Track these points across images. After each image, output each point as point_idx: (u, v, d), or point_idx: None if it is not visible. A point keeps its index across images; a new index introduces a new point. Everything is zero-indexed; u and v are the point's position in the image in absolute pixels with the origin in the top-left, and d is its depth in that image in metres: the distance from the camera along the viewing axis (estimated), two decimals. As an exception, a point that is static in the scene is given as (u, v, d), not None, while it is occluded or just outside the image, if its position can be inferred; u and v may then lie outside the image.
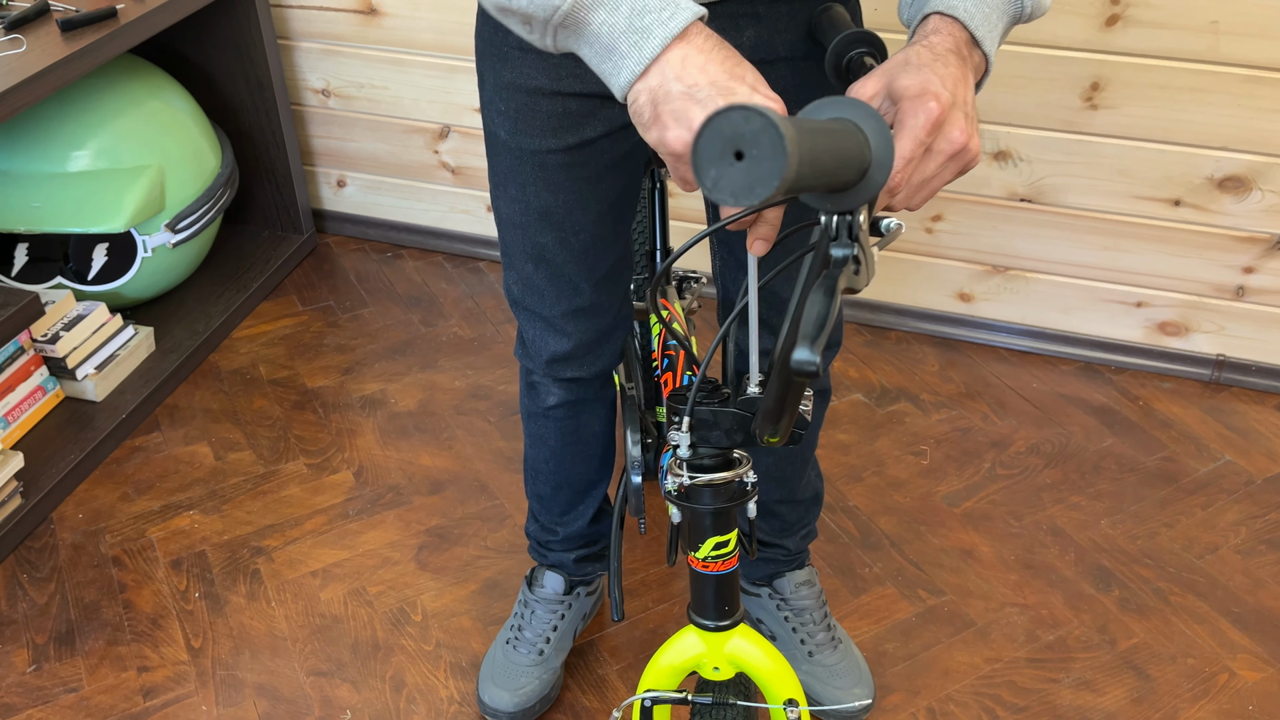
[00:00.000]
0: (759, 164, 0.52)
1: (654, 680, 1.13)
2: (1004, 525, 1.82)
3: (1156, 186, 1.96)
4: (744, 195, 0.52)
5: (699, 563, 1.07)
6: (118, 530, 1.81)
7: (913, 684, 1.56)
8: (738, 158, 0.53)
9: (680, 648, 1.12)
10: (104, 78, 2.03)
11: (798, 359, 0.57)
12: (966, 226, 2.11)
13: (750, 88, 0.73)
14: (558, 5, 0.76)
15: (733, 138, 0.52)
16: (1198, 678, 1.57)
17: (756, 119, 0.51)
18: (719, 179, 0.53)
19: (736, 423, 0.97)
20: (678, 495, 1.04)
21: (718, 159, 0.53)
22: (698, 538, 1.06)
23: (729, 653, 1.11)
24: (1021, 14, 0.90)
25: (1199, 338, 2.10)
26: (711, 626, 1.10)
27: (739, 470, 1.02)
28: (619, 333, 1.31)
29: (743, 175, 0.52)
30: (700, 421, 0.97)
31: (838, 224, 0.62)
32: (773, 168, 0.51)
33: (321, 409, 2.06)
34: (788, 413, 0.87)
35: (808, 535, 1.58)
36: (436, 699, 1.54)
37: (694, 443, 0.99)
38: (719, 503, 1.03)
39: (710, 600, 1.09)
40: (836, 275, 0.60)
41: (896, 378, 2.14)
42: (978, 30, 0.86)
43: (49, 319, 1.94)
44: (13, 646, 1.61)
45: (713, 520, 1.04)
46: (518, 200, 1.18)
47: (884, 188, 0.72)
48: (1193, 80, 1.83)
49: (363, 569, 1.73)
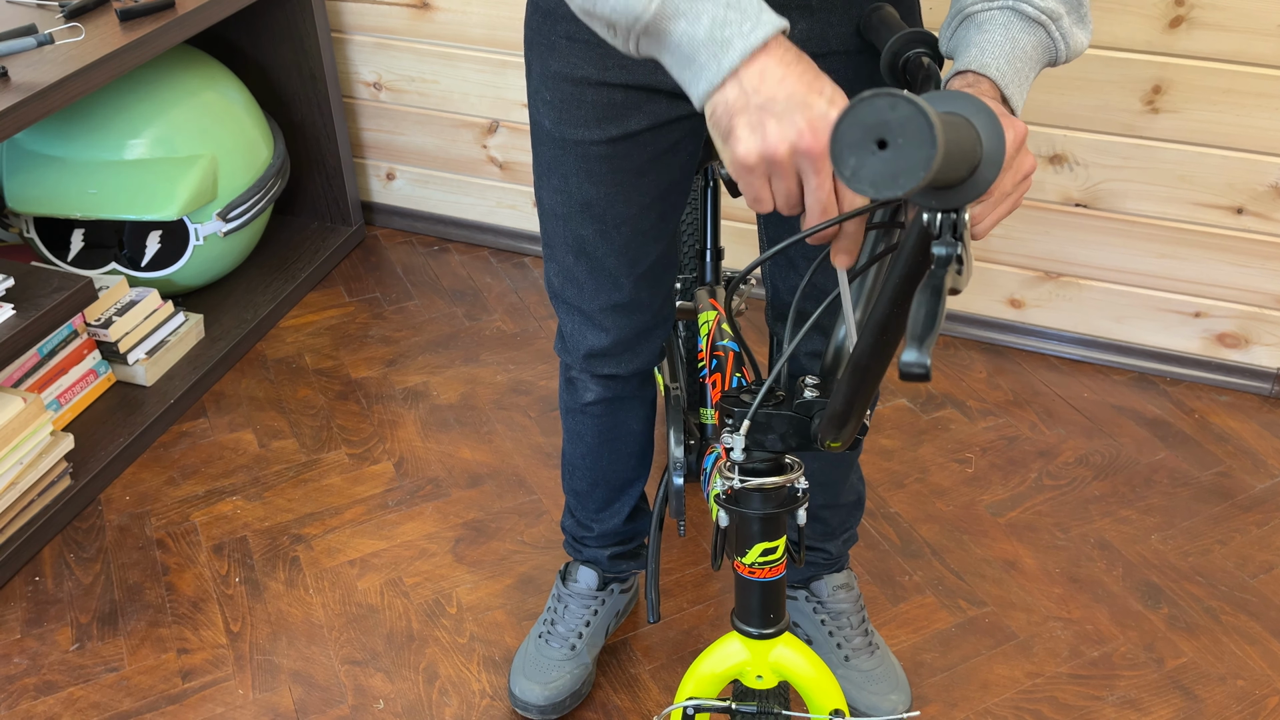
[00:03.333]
0: (905, 153, 0.50)
1: (695, 687, 1.11)
2: (1049, 537, 1.78)
3: (1218, 194, 1.91)
4: (886, 186, 0.51)
5: (745, 569, 1.05)
6: (163, 514, 1.83)
7: (950, 695, 1.53)
8: (880, 146, 0.51)
9: (723, 654, 1.10)
10: (161, 68, 2.06)
11: (906, 360, 0.55)
12: (1019, 231, 2.07)
13: (828, 101, 0.72)
14: (639, 14, 0.76)
15: (877, 125, 0.51)
16: (1247, 700, 1.53)
17: (904, 105, 0.49)
18: (859, 168, 0.51)
19: (792, 426, 0.96)
20: (726, 499, 1.02)
21: (859, 147, 0.51)
22: (745, 543, 1.04)
23: (773, 661, 1.09)
24: (1056, 61, 0.90)
25: (1259, 350, 2.04)
26: (756, 634, 1.08)
27: (791, 475, 1.01)
28: (659, 331, 1.30)
29: (886, 164, 0.51)
30: (755, 424, 0.96)
31: (942, 222, 0.60)
32: (920, 157, 0.50)
33: (364, 400, 2.08)
34: (854, 417, 0.85)
35: (849, 540, 1.56)
36: (469, 692, 1.54)
37: (748, 446, 0.97)
38: (769, 508, 1.01)
39: (755, 607, 1.07)
40: (942, 275, 0.58)
41: (943, 383, 2.11)
42: (1008, 89, 0.86)
43: (102, 304, 1.97)
44: (57, 625, 1.64)
45: (761, 526, 1.02)
46: (560, 191, 1.18)
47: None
48: (1258, 85, 1.78)
49: (400, 560, 1.74)
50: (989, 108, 0.62)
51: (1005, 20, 0.87)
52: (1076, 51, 0.90)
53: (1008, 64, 0.85)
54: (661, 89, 1.10)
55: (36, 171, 1.99)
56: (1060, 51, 0.89)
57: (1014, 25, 0.86)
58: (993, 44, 0.86)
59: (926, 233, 0.63)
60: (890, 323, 0.73)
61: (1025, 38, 0.86)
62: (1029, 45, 0.87)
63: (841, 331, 0.95)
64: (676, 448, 1.22)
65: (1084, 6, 0.89)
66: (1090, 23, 0.91)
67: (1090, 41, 0.91)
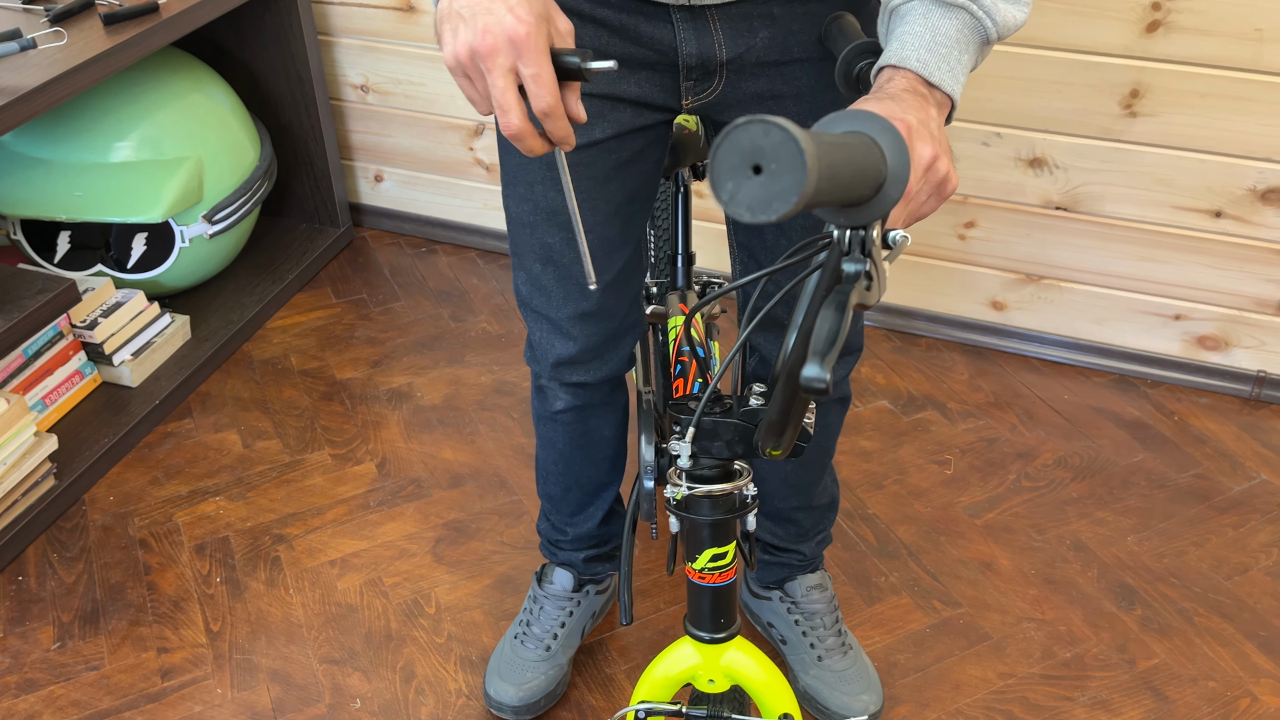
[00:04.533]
0: (777, 178, 0.51)
1: (648, 691, 1.12)
2: (1026, 538, 1.79)
3: (1197, 197, 1.91)
4: (761, 210, 0.51)
5: (696, 574, 1.06)
6: (146, 513, 1.85)
7: (922, 696, 1.54)
8: (756, 171, 0.51)
9: (675, 659, 1.12)
10: (147, 71, 2.07)
11: (807, 375, 0.56)
12: (1000, 234, 2.08)
13: (507, 7, 0.79)
14: None
15: (751, 151, 0.51)
16: (1218, 701, 1.54)
17: (776, 132, 0.50)
18: (735, 192, 0.52)
19: (738, 434, 0.96)
20: (676, 505, 1.03)
21: (735, 172, 0.52)
22: (695, 549, 1.05)
23: (725, 665, 1.10)
24: (989, 39, 0.90)
25: (1239, 353, 2.05)
26: (707, 638, 1.09)
27: (739, 482, 1.01)
28: (628, 339, 1.31)
29: (760, 189, 0.51)
30: (701, 431, 0.97)
31: (850, 239, 0.60)
32: (791, 182, 0.50)
33: (349, 400, 2.09)
34: (791, 426, 0.86)
35: (823, 541, 1.57)
36: (445, 691, 1.55)
37: (695, 453, 0.98)
38: (717, 514, 1.02)
39: (707, 612, 1.08)
40: (848, 291, 0.59)
41: (924, 385, 2.12)
42: (933, 76, 0.86)
43: (88, 305, 1.99)
44: (40, 624, 1.66)
45: (711, 532, 1.03)
46: (526, 199, 1.19)
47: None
48: (1236, 88, 1.79)
49: (380, 560, 1.76)
50: (894, 126, 0.62)
51: (924, 10, 0.87)
52: (1009, 26, 0.89)
53: (929, 52, 0.85)
54: (624, 98, 1.11)
55: (23, 174, 2.01)
56: (990, 29, 0.88)
57: (933, 13, 0.87)
58: (912, 34, 0.87)
59: (838, 250, 0.64)
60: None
61: (946, 23, 0.87)
62: (951, 29, 0.87)
63: (788, 341, 0.96)
64: (648, 451, 1.24)
65: None
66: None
67: (1028, 15, 0.91)
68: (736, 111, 1.12)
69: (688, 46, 1.07)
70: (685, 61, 1.08)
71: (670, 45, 1.07)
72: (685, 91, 1.11)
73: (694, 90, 1.11)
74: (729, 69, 1.09)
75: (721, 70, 1.09)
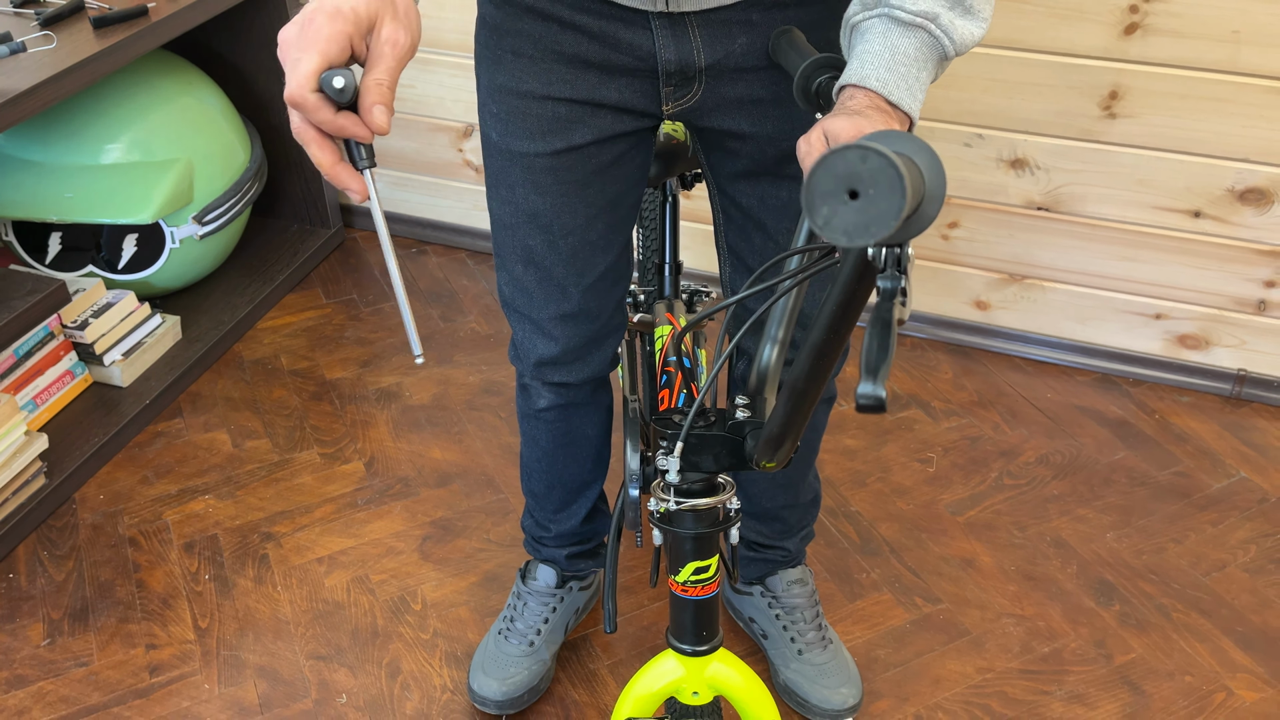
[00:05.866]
0: (876, 202, 0.51)
1: (632, 706, 1.13)
2: (1007, 535, 1.81)
3: (1176, 197, 1.93)
4: (859, 234, 0.52)
5: (679, 587, 1.07)
6: (136, 512, 1.87)
7: (902, 690, 1.56)
8: (852, 196, 0.52)
9: (659, 672, 1.12)
10: (137, 74, 2.09)
11: (862, 392, 0.57)
12: (983, 234, 2.10)
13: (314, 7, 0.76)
14: None
15: (847, 176, 0.52)
16: (1194, 695, 1.55)
17: (875, 158, 0.51)
18: (831, 217, 0.52)
19: (725, 447, 0.97)
20: (660, 519, 1.04)
21: (831, 196, 0.52)
22: (678, 562, 1.06)
23: (709, 677, 1.11)
24: (946, 55, 0.91)
25: (1220, 351, 2.07)
26: (690, 651, 1.10)
27: (723, 496, 1.02)
28: (610, 341, 1.32)
29: (858, 214, 0.52)
30: (689, 446, 0.97)
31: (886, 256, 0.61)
32: (890, 207, 0.51)
33: (338, 400, 2.11)
34: (790, 438, 0.87)
35: (806, 537, 1.59)
36: (430, 686, 1.57)
37: (683, 468, 0.99)
38: (701, 528, 1.03)
39: (690, 625, 1.08)
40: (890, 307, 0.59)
41: (909, 384, 2.14)
42: (892, 95, 0.87)
43: (79, 306, 2.01)
44: (29, 621, 1.67)
45: (694, 545, 1.04)
46: (508, 201, 1.21)
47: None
48: (1213, 90, 1.81)
49: (367, 557, 1.77)
50: (929, 147, 0.63)
51: (884, 28, 0.88)
52: (966, 43, 0.90)
53: (888, 71, 0.87)
54: (605, 104, 1.13)
55: (15, 176, 2.03)
56: (947, 47, 0.89)
57: (892, 31, 0.88)
58: (872, 54, 0.88)
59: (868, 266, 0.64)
60: (826, 349, 0.74)
61: (904, 42, 0.88)
62: (910, 48, 0.88)
63: (765, 352, 0.97)
64: (633, 460, 1.25)
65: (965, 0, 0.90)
66: (980, 13, 0.90)
67: (985, 30, 0.92)
68: (717, 117, 1.14)
69: (666, 53, 1.08)
70: (664, 67, 1.09)
71: (649, 51, 1.09)
72: (665, 97, 1.13)
73: (674, 96, 1.12)
74: (707, 74, 1.10)
75: (700, 76, 1.10)
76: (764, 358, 0.95)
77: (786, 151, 1.14)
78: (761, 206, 1.19)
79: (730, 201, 1.22)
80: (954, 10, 0.89)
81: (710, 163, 1.22)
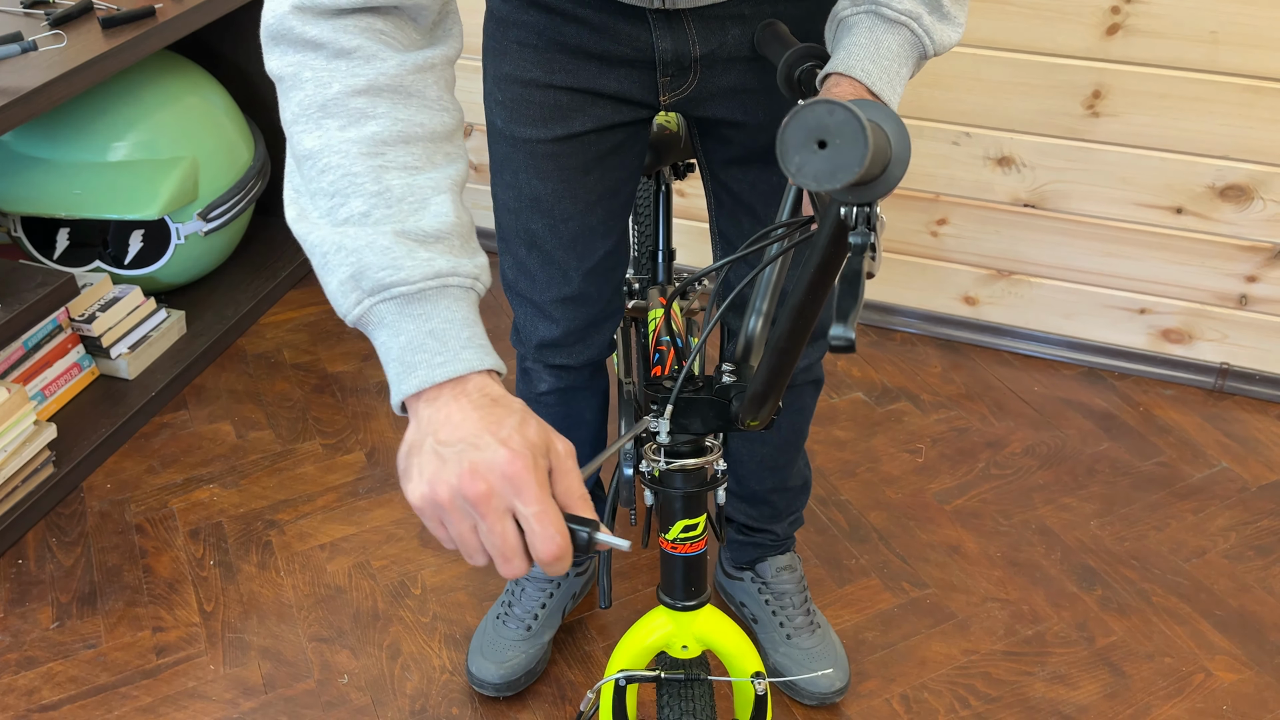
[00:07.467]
0: (841, 152, 0.58)
1: (625, 660, 1.18)
2: (993, 523, 1.85)
3: (1158, 194, 1.98)
4: (826, 180, 0.58)
5: (669, 544, 1.11)
6: (142, 500, 1.91)
7: (889, 672, 1.61)
8: (820, 146, 0.58)
9: (650, 627, 1.17)
10: (144, 74, 2.14)
11: (834, 334, 0.63)
12: (971, 231, 2.15)
13: (500, 441, 0.69)
14: (346, 312, 0.75)
15: (816, 128, 0.58)
16: (1173, 676, 1.60)
17: (840, 111, 0.57)
18: (803, 165, 0.59)
19: (712, 409, 1.02)
20: (651, 479, 1.09)
21: (802, 147, 0.58)
22: (669, 520, 1.11)
23: (697, 631, 1.16)
24: (926, 55, 0.97)
25: (1203, 345, 2.11)
26: (679, 606, 1.14)
27: (709, 457, 1.07)
28: (609, 324, 1.37)
29: (825, 162, 0.58)
30: (678, 408, 1.01)
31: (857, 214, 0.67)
32: (854, 155, 0.57)
33: (340, 393, 2.15)
34: (773, 397, 0.92)
35: (795, 522, 1.63)
36: (429, 667, 1.61)
37: (672, 429, 1.04)
38: (689, 487, 1.08)
39: (679, 581, 1.13)
40: (860, 260, 0.66)
41: (898, 378, 2.18)
42: (875, 86, 0.93)
43: (86, 300, 2.05)
44: (39, 604, 1.72)
45: (683, 504, 1.09)
46: (511, 186, 1.25)
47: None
48: (1193, 89, 1.86)
49: (368, 544, 1.82)
50: (896, 115, 0.69)
51: (870, 24, 0.94)
52: (945, 45, 0.96)
53: (873, 63, 0.92)
54: (604, 93, 1.18)
55: (24, 173, 2.07)
56: (927, 46, 0.95)
57: (878, 28, 0.94)
58: (858, 46, 0.93)
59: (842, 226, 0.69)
60: (806, 309, 0.79)
61: (889, 38, 0.93)
62: (893, 44, 0.94)
63: (750, 323, 1.02)
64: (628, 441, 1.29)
65: (944, 6, 0.96)
66: (956, 18, 0.97)
67: (961, 36, 0.98)
68: (711, 106, 1.19)
69: (663, 44, 1.14)
70: (661, 58, 1.14)
71: (647, 43, 1.14)
72: (662, 88, 1.18)
73: (670, 86, 1.17)
74: (702, 64, 1.15)
75: (696, 66, 1.15)
76: (749, 327, 1.00)
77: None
78: (753, 192, 1.24)
79: (722, 187, 1.27)
80: (934, 14, 0.95)
81: (705, 150, 1.27)
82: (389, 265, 0.73)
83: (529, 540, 0.69)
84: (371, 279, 0.73)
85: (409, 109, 0.78)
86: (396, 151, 0.77)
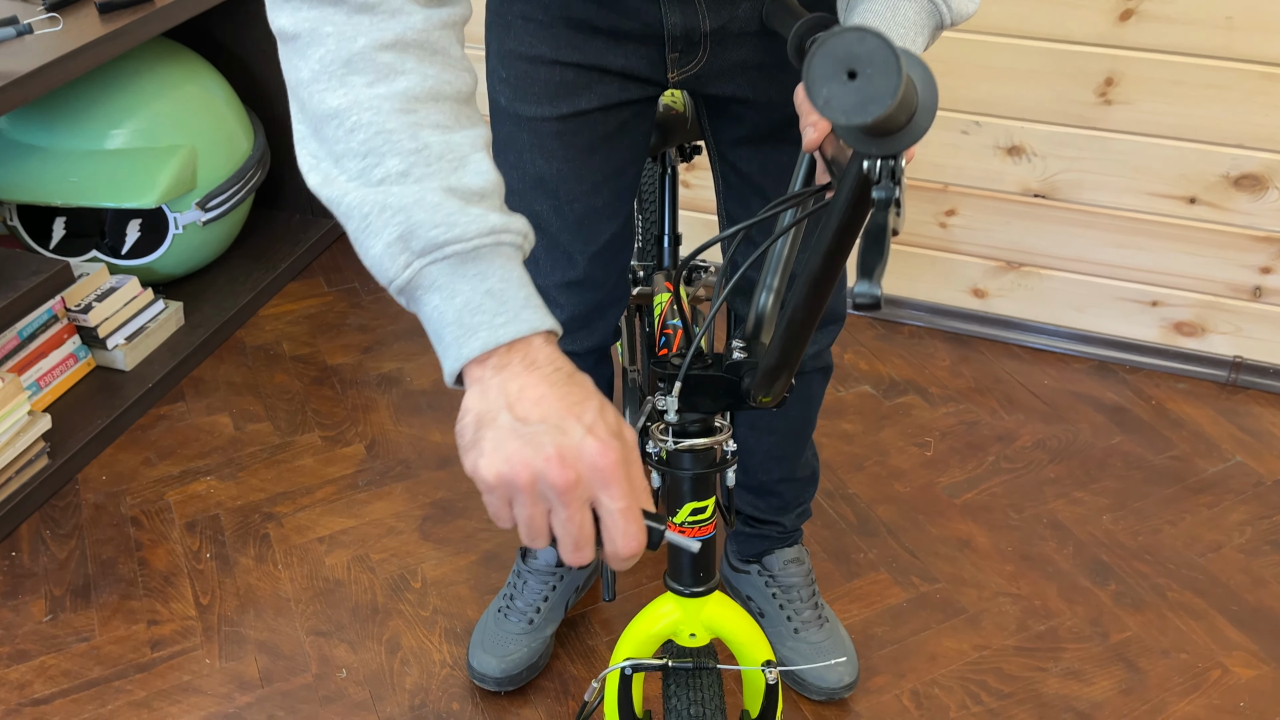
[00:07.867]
0: (873, 81, 0.53)
1: (631, 648, 1.14)
2: (1003, 517, 1.82)
3: (1171, 184, 1.95)
4: (856, 113, 0.53)
5: (676, 528, 1.09)
6: (138, 492, 1.88)
7: (899, 667, 1.57)
8: (850, 77, 0.53)
9: (657, 614, 1.13)
10: (142, 61, 2.11)
11: (859, 291, 0.59)
12: (981, 221, 2.12)
13: (586, 428, 0.66)
14: (393, 278, 0.69)
15: (846, 57, 0.53)
16: (1189, 673, 1.56)
17: (871, 38, 0.52)
18: (831, 98, 0.53)
19: (723, 386, 0.99)
20: (659, 461, 1.06)
21: (830, 78, 0.53)
22: (676, 503, 1.07)
23: (706, 618, 1.13)
24: (943, 24, 0.93)
25: (1216, 339, 2.08)
26: (687, 592, 1.11)
27: (719, 437, 1.04)
28: (614, 310, 1.34)
29: (856, 93, 0.53)
30: (687, 386, 0.98)
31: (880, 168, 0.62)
32: (887, 85, 0.52)
33: (339, 385, 2.12)
34: (787, 371, 0.88)
35: (802, 514, 1.60)
36: (429, 662, 1.58)
37: (681, 408, 1.00)
38: (698, 468, 1.05)
39: (687, 566, 1.10)
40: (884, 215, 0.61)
41: (906, 371, 2.15)
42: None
43: (83, 290, 2.02)
44: (31, 597, 1.69)
45: (692, 485, 1.06)
46: (515, 166, 1.22)
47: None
48: (1208, 76, 1.82)
49: (368, 537, 1.78)
50: (923, 61, 0.64)
51: None
52: (962, 15, 0.93)
53: (888, 31, 0.89)
54: (611, 70, 1.14)
55: (20, 160, 2.05)
56: (945, 15, 0.92)
57: None
58: (874, 13, 0.90)
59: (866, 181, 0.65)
60: (824, 276, 0.75)
61: (906, 5, 0.90)
62: (910, 13, 0.90)
63: (761, 299, 0.99)
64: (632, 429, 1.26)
65: None
66: None
67: (979, 4, 0.95)
68: (721, 83, 1.16)
69: (672, 18, 1.11)
70: (670, 32, 1.11)
71: (656, 18, 1.11)
72: (671, 64, 1.14)
73: (679, 63, 1.14)
74: (712, 39, 1.12)
75: (705, 40, 1.12)
76: (760, 303, 0.97)
77: (789, 116, 1.16)
78: (762, 172, 1.21)
79: (731, 168, 1.24)
80: None
81: (713, 129, 1.24)
82: (442, 223, 0.68)
83: (608, 534, 0.67)
84: (423, 238, 0.68)
85: (435, 66, 0.74)
86: (428, 109, 0.72)
